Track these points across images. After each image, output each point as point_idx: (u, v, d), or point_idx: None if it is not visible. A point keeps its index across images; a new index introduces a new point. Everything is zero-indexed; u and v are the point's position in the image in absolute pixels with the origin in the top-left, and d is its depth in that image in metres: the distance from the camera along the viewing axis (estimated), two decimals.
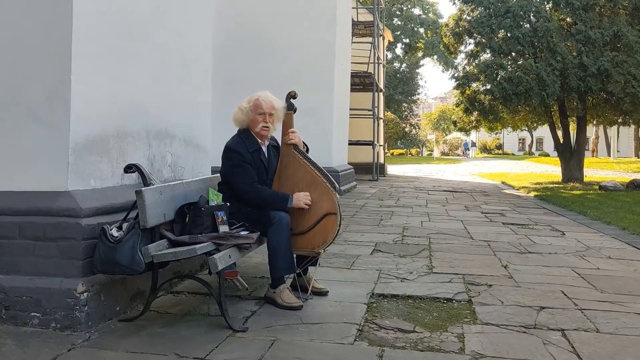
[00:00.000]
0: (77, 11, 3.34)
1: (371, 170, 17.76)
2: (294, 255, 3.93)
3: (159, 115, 4.30)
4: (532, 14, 15.61)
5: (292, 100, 4.12)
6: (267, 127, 4.00)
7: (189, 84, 4.87)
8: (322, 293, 4.06)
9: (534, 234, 7.21)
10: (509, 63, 16.28)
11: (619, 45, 15.19)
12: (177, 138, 4.61)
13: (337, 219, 3.90)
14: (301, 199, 3.89)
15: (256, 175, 3.90)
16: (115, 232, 3.24)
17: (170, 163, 4.51)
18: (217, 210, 3.62)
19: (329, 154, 12.05)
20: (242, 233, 3.69)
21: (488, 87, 16.02)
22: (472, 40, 17.18)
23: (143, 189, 3.32)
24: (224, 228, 3.58)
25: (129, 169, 3.51)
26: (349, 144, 15.83)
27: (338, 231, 3.94)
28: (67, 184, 3.36)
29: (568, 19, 16.00)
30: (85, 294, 3.23)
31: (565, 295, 4.18)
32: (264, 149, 4.03)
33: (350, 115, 15.74)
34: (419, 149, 62.37)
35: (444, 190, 14.32)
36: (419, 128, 58.29)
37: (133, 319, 3.42)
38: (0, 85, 3.42)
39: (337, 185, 4.04)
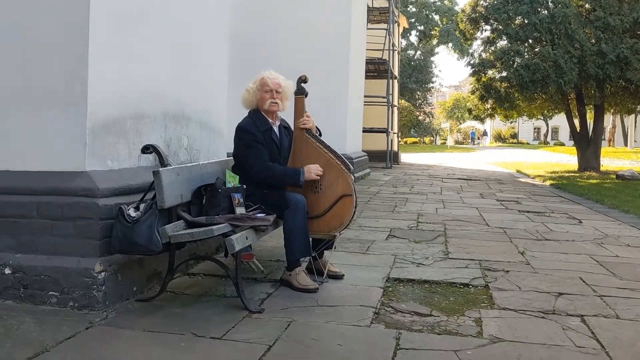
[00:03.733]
0: None
1: (385, 158, 17.70)
2: (310, 239, 3.92)
3: (175, 97, 4.29)
4: (549, 0, 15.38)
5: (302, 84, 4.09)
6: (276, 102, 3.97)
7: (205, 67, 4.85)
8: (337, 276, 4.05)
9: (551, 221, 7.14)
10: (526, 50, 16.07)
11: (639, 32, 14.92)
12: (193, 121, 4.60)
13: (353, 200, 3.88)
14: (312, 170, 3.88)
15: (268, 154, 3.89)
16: (132, 213, 3.24)
17: (186, 146, 4.50)
18: (233, 192, 3.61)
19: (343, 141, 12.01)
20: (259, 215, 3.68)
21: (504, 74, 15.86)
22: (488, 27, 16.99)
23: (160, 169, 3.31)
24: (240, 210, 3.58)
25: (146, 149, 3.50)
26: (363, 131, 15.77)
27: (354, 213, 3.92)
28: (85, 165, 3.36)
29: (587, 5, 15.74)
30: (102, 274, 3.25)
31: (584, 281, 4.14)
32: (275, 128, 4.02)
33: (364, 102, 15.67)
34: (432, 138, 62.08)
35: (458, 178, 14.23)
36: (432, 116, 57.97)
37: (150, 299, 3.43)
38: (18, 66, 3.42)
39: (352, 167, 4.02)
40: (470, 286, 3.97)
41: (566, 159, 24.36)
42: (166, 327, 2.97)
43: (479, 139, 60.23)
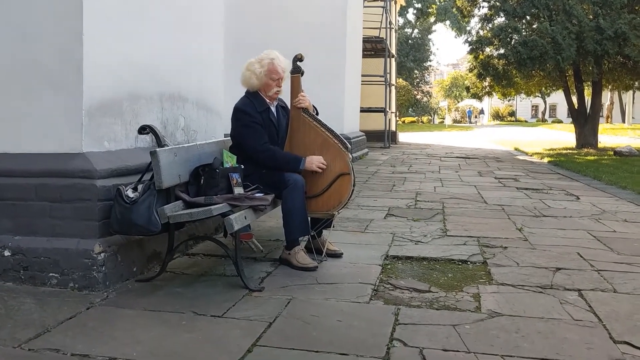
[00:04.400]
0: None
1: (383, 138, 17.66)
2: (309, 218, 3.93)
3: (171, 77, 4.27)
4: None
5: (298, 62, 4.06)
6: (280, 89, 3.97)
7: (201, 47, 4.81)
8: (336, 255, 4.07)
9: (549, 198, 7.16)
10: (524, 26, 15.97)
11: (637, 8, 14.83)
12: (189, 101, 4.58)
13: (351, 178, 3.89)
14: (314, 162, 3.87)
15: (267, 135, 3.88)
16: (130, 193, 3.24)
17: (183, 127, 4.49)
18: (231, 172, 3.61)
19: (341, 120, 11.97)
20: (257, 195, 3.68)
21: (502, 51, 15.78)
22: (485, 4, 16.87)
23: (158, 149, 3.31)
24: (239, 190, 3.58)
25: (143, 130, 3.50)
26: (361, 110, 15.72)
27: (352, 192, 3.92)
28: (82, 146, 3.35)
29: None
30: (102, 255, 3.26)
31: (582, 257, 4.16)
32: (273, 109, 4.01)
33: (362, 81, 15.59)
34: (430, 117, 61.93)
35: (457, 157, 14.23)
36: (430, 95, 57.73)
37: (150, 279, 3.45)
38: (12, 47, 3.39)
39: (349, 145, 4.02)
40: (469, 262, 3.99)
41: (564, 136, 24.35)
42: (166, 306, 2.99)
43: (476, 117, 60.14)
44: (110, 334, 2.64)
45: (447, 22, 47.46)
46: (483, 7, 17.14)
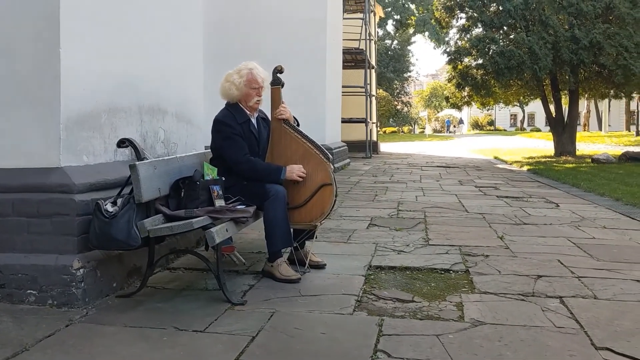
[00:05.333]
0: None
1: (364, 148, 17.74)
2: (291, 230, 3.91)
3: (150, 90, 4.24)
4: None
5: (278, 74, 4.06)
6: (260, 100, 3.98)
7: (180, 59, 4.79)
8: (319, 266, 4.06)
9: (529, 206, 7.23)
10: (501, 37, 16.21)
11: (611, 18, 15.14)
12: (169, 114, 4.55)
13: (333, 189, 3.89)
14: (294, 171, 3.87)
15: (247, 147, 3.88)
16: (110, 207, 3.20)
17: (163, 139, 4.45)
18: (212, 184, 3.59)
19: (322, 131, 12.00)
20: (239, 207, 3.66)
21: (480, 61, 15.99)
22: (463, 15, 17.09)
23: (137, 163, 3.28)
24: (220, 202, 3.56)
25: (122, 143, 3.46)
26: (342, 121, 15.79)
27: (335, 202, 3.93)
28: (60, 160, 3.30)
29: None
30: (81, 270, 3.20)
31: (562, 264, 4.20)
32: (253, 120, 4.01)
33: (342, 92, 15.67)
34: (411, 127, 62.36)
35: (437, 166, 14.33)
36: (410, 106, 58.16)
37: (130, 294, 3.40)
38: None
39: (330, 156, 4.02)
40: (451, 271, 4.00)
41: (543, 145, 24.69)
42: (148, 322, 2.95)
43: (455, 127, 60.69)
44: (90, 352, 2.59)
45: (426, 33, 48.02)
46: (461, 18, 17.37)
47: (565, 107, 17.81)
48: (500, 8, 15.56)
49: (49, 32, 3.24)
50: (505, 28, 16.21)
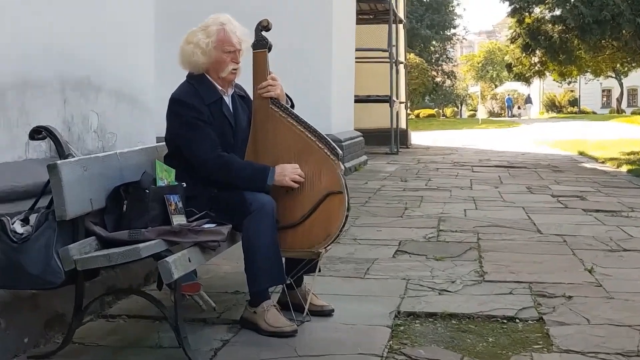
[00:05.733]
0: None
1: (388, 139, 17.77)
2: (283, 259, 3.92)
3: (79, 57, 4.26)
4: None
5: (264, 32, 4.07)
6: (237, 70, 3.98)
7: (123, 14, 4.81)
8: (324, 313, 4.07)
9: (630, 224, 7.24)
10: None
11: None
12: (105, 91, 4.57)
13: (343, 199, 3.88)
14: (287, 173, 3.87)
15: (219, 138, 3.89)
16: (19, 228, 3.21)
17: (96, 127, 4.48)
18: (168, 193, 3.60)
19: (327, 116, 12.02)
20: (206, 226, 3.67)
21: (558, 12, 15.99)
22: None
23: (59, 162, 3.28)
24: (179, 219, 3.56)
25: (37, 133, 3.47)
26: (356, 100, 15.81)
27: (346, 218, 3.92)
28: None
29: None
30: None
31: None
32: (227, 99, 4.03)
33: (357, 58, 15.71)
34: (456, 108, 62.56)
35: (496, 166, 14.36)
36: (455, 77, 58.41)
37: (49, 354, 3.40)
38: None
39: (340, 151, 4.02)
40: (518, 320, 4.01)
41: None
42: None
43: (520, 108, 60.80)
44: None
45: None
46: None
47: None
48: None
49: None
50: None
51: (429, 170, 13.50)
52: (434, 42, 50.58)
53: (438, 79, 51.34)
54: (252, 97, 4.11)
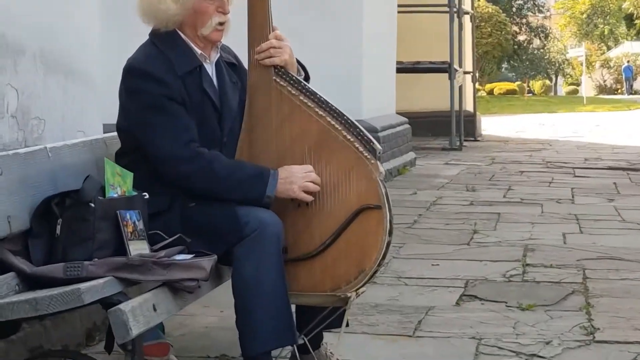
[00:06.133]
0: None
1: (447, 128, 17.74)
2: (293, 307, 3.94)
3: None
4: None
5: None
6: (225, 24, 4.00)
7: None
8: None
9: None
10: None
11: None
12: (27, 55, 4.60)
13: (383, 218, 3.89)
14: (296, 179, 3.89)
15: (197, 124, 3.92)
16: None
17: (14, 110, 4.51)
18: (123, 208, 3.62)
19: (356, 93, 12.07)
20: (180, 258, 3.69)
21: None
22: None
23: None
24: (139, 246, 3.58)
25: None
26: (399, 70, 15.81)
27: (387, 247, 3.93)
28: None
29: None
30: None
31: None
32: (210, 68, 4.07)
33: (400, 6, 15.69)
34: (549, 81, 62.39)
35: (610, 168, 14.33)
36: (548, 36, 58.24)
37: None
38: None
39: (378, 146, 4.02)
40: None
41: None
42: None
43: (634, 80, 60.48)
44: None
45: None
46: None
47: None
48: None
49: None
50: None
51: (508, 174, 13.46)
52: None
53: (521, 38, 51.25)
54: (246, 66, 4.13)
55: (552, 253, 7.31)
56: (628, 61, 61.07)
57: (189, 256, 3.73)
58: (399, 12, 15.62)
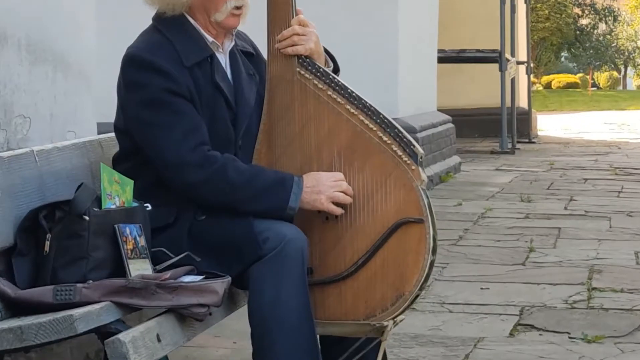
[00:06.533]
0: None
1: (497, 128, 17.74)
2: (318, 337, 3.95)
3: None
4: None
5: None
6: (243, 7, 4.01)
7: None
8: None
9: None
10: None
11: None
12: (12, 44, 4.62)
13: (426, 234, 3.90)
14: (324, 188, 3.89)
15: (209, 122, 3.94)
16: None
17: None
18: (123, 221, 3.63)
19: (392, 87, 12.09)
20: (187, 279, 3.70)
21: None
22: None
23: None
24: (140, 266, 3.60)
25: None
26: (441, 59, 15.81)
27: (430, 267, 3.93)
28: None
29: None
30: None
31: None
32: (223, 59, 4.09)
33: None
34: (617, 73, 62.26)
35: None
36: (616, 19, 58.10)
37: None
38: None
39: (421, 150, 4.02)
40: None
41: None
42: None
43: None
44: None
45: None
46: None
47: None
48: None
49: None
50: None
51: (570, 181, 13.45)
52: None
53: (584, 22, 51.15)
54: (265, 56, 4.14)
55: (622, 275, 7.30)
56: None
57: (199, 278, 3.74)
58: None
